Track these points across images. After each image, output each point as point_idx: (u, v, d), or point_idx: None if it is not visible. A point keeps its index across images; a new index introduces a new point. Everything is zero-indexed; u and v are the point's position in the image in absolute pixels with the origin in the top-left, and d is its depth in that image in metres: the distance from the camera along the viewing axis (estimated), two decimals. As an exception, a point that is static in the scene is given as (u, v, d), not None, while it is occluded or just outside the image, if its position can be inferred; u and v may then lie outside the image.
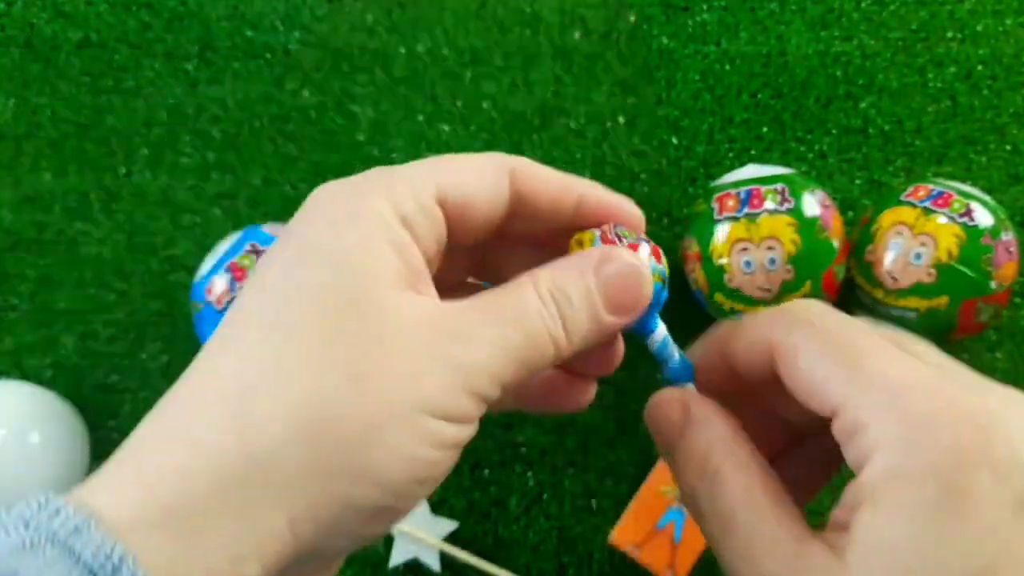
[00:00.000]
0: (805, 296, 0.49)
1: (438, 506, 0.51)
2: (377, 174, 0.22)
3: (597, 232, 0.24)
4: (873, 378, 0.20)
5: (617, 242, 0.23)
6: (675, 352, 0.25)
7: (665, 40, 0.63)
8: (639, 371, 0.52)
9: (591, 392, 0.26)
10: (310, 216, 0.21)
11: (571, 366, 0.25)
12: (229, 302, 0.47)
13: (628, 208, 0.25)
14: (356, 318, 0.19)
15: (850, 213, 0.59)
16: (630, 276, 0.22)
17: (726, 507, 0.21)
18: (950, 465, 0.18)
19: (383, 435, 0.19)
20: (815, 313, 0.22)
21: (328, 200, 0.21)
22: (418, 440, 0.19)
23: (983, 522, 0.18)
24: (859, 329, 0.21)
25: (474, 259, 0.26)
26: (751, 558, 0.20)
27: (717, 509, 0.22)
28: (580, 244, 0.24)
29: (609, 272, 0.22)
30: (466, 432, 0.20)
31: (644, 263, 0.23)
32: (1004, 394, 0.20)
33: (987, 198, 0.50)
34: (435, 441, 0.20)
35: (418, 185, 0.21)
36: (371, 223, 0.20)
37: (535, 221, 0.24)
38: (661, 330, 0.25)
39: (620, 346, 0.25)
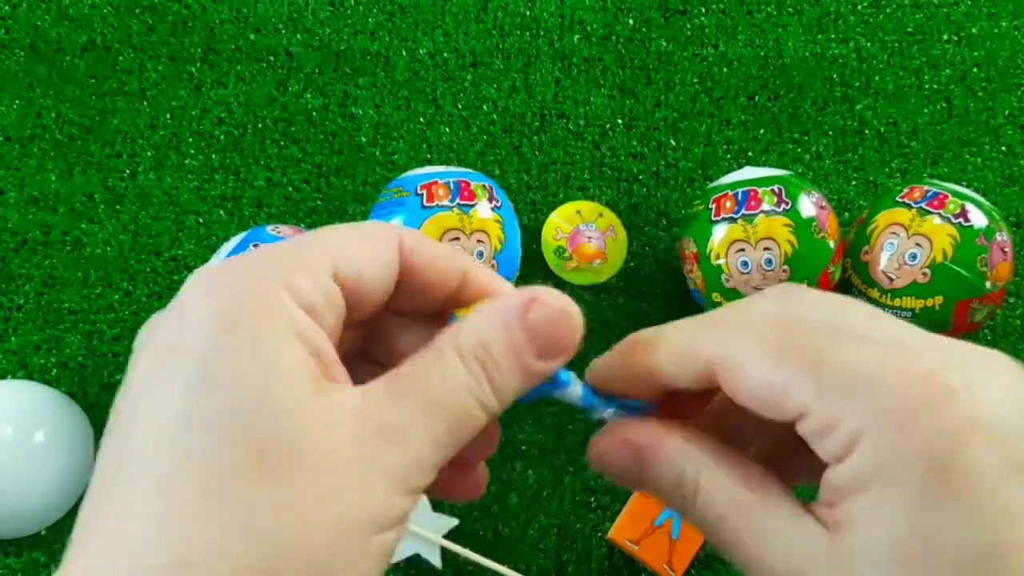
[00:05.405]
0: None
1: (439, 503, 0.52)
2: (265, 255, 0.20)
3: None
4: (836, 373, 0.19)
5: None
6: (585, 393, 0.24)
7: (663, 43, 0.63)
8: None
9: (483, 478, 0.25)
10: (194, 314, 0.19)
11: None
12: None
13: (508, 293, 0.23)
14: (276, 448, 0.18)
15: (846, 214, 0.59)
16: (559, 319, 0.21)
17: (712, 519, 0.21)
18: (937, 446, 0.18)
19: (337, 570, 0.18)
20: (747, 315, 0.21)
21: (214, 292, 0.19)
22: (372, 560, 0.19)
23: (982, 494, 0.18)
24: (799, 322, 0.20)
25: (359, 334, 0.25)
26: (751, 559, 0.21)
27: (707, 524, 0.22)
28: None
29: (536, 319, 0.21)
30: (403, 526, 0.20)
31: (570, 301, 0.21)
32: (973, 359, 0.19)
33: (982, 199, 0.51)
34: (385, 552, 0.19)
35: (313, 264, 0.20)
36: (273, 318, 0.19)
37: (422, 295, 0.23)
38: (575, 382, 0.23)
39: (496, 431, 0.25)
